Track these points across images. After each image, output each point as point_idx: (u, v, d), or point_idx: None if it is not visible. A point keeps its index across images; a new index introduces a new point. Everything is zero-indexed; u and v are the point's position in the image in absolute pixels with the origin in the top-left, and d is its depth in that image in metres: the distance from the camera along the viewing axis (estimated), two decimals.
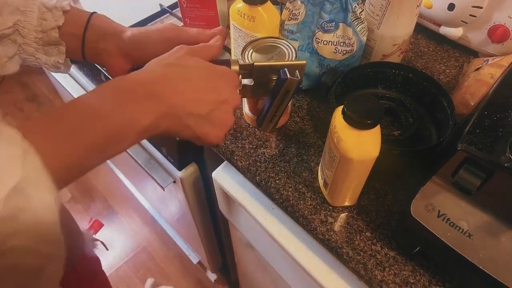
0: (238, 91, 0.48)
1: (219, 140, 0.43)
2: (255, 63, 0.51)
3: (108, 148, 0.35)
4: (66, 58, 0.51)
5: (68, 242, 0.30)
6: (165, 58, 0.41)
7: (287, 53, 0.57)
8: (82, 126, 0.33)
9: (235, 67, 0.50)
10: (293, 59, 0.56)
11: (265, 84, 0.52)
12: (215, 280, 1.53)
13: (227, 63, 0.51)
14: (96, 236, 1.06)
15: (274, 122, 0.54)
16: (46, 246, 0.28)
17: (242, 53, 0.56)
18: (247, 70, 0.51)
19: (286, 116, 0.67)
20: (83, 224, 1.03)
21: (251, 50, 0.57)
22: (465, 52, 0.81)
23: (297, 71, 0.49)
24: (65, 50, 0.50)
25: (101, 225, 1.17)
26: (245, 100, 0.64)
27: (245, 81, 0.53)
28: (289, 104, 0.64)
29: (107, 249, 1.14)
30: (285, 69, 0.48)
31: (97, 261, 1.09)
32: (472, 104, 0.62)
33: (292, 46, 0.57)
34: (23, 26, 0.46)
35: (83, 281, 0.88)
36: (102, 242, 1.08)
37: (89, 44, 0.52)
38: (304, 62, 0.51)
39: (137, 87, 0.37)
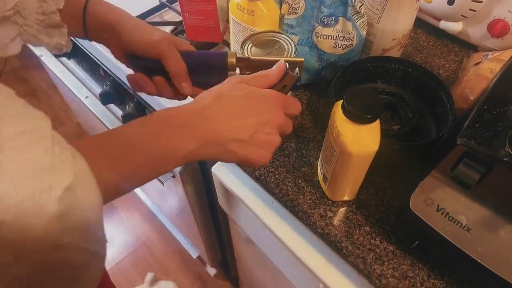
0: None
1: (264, 160, 0.44)
2: (251, 57, 0.51)
3: (153, 169, 0.38)
4: (68, 38, 0.52)
5: None
6: (216, 90, 0.43)
7: (286, 48, 0.57)
8: (130, 146, 0.36)
9: (232, 60, 0.50)
10: (293, 54, 0.56)
11: None
12: (214, 275, 1.53)
13: (225, 55, 0.51)
14: None
15: None
16: (92, 244, 0.30)
17: (241, 47, 0.56)
18: (245, 63, 0.51)
19: None
20: None
21: (251, 44, 0.57)
22: (464, 46, 0.81)
23: (297, 68, 0.49)
24: (67, 32, 0.51)
25: None
26: None
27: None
28: None
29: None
30: (287, 63, 0.48)
31: None
32: (472, 98, 0.62)
33: (292, 41, 0.57)
34: (24, 7, 0.46)
35: None
36: None
37: (90, 29, 0.53)
38: (302, 59, 0.51)
39: (182, 115, 0.40)
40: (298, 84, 0.53)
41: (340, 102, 0.47)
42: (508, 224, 0.44)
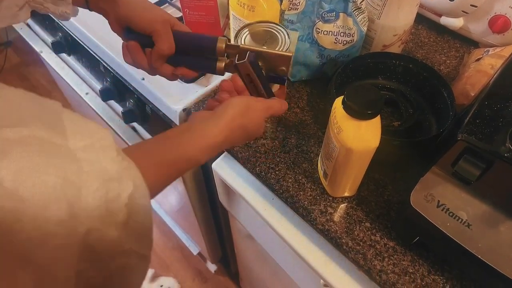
0: (223, 65, 0.52)
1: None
2: (241, 45, 0.51)
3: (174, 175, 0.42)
4: (73, 6, 0.54)
5: None
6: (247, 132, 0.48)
7: (280, 39, 0.56)
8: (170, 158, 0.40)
9: (221, 45, 0.50)
10: (287, 46, 0.55)
11: None
12: (215, 271, 1.54)
13: (215, 39, 0.50)
14: None
15: None
16: (144, 247, 0.31)
17: (236, 35, 0.56)
18: (234, 50, 0.51)
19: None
20: None
21: (246, 34, 0.57)
22: (465, 42, 0.81)
23: (249, 53, 0.49)
24: (71, 1, 0.54)
25: None
26: None
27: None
28: (281, 92, 0.64)
29: None
30: (248, 52, 0.49)
31: None
32: (473, 94, 0.62)
33: (287, 32, 0.56)
34: None
35: None
36: None
37: (91, 0, 0.55)
38: (291, 54, 0.50)
39: (210, 142, 0.44)
40: (284, 78, 0.54)
41: (340, 98, 0.47)
42: (508, 220, 0.44)
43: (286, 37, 0.56)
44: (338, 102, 0.48)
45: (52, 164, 0.25)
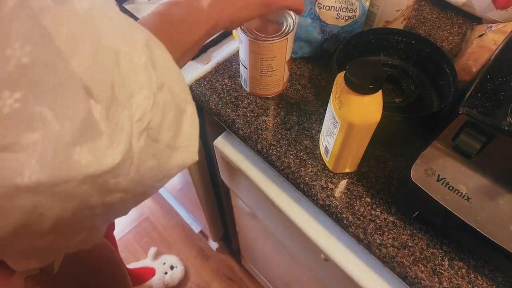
0: None
1: None
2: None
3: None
4: None
5: None
6: None
7: (285, 23, 0.56)
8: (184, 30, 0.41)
9: None
10: (291, 29, 0.55)
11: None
12: (216, 249, 1.56)
13: None
14: None
15: None
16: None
17: None
18: None
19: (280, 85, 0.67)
20: None
21: None
22: (469, 18, 0.80)
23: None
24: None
25: None
26: None
27: None
28: (285, 71, 0.63)
29: None
30: None
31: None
32: (475, 70, 0.62)
33: (292, 16, 0.56)
34: None
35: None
36: None
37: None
38: None
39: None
40: (302, 55, 0.53)
41: (342, 73, 0.47)
42: (507, 193, 0.45)
43: (294, 21, 0.56)
44: (340, 77, 0.48)
45: None
